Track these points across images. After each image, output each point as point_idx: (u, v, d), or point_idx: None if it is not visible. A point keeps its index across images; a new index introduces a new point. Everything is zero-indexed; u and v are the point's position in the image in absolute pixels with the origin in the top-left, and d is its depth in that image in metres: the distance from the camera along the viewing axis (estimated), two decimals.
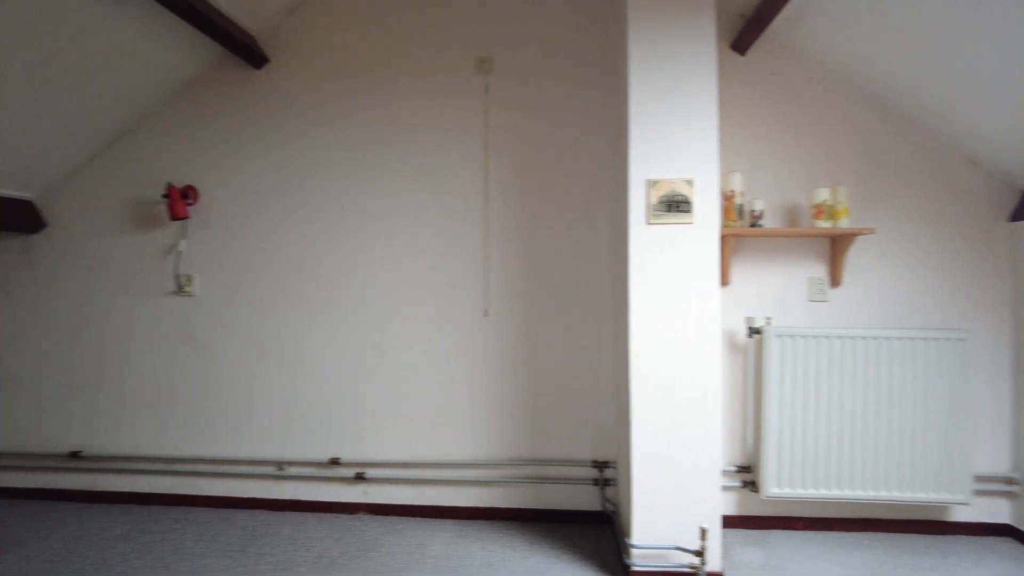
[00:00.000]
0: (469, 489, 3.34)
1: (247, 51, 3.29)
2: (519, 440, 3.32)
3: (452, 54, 3.35)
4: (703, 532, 2.52)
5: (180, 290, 3.55)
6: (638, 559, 2.62)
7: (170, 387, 3.57)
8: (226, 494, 3.51)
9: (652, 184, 2.62)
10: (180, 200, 3.43)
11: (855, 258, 3.10)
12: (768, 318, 3.11)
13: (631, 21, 2.61)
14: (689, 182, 2.61)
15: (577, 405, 3.28)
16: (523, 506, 3.30)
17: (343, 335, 3.44)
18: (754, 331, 3.05)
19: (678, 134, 2.61)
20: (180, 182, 3.51)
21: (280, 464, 3.47)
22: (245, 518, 3.34)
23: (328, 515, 3.38)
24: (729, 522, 3.09)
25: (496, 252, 3.33)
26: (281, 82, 3.47)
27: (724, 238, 2.97)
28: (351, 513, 3.40)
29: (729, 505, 3.13)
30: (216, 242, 3.53)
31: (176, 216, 3.42)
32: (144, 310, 3.58)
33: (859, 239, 3.07)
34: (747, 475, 3.13)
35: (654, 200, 2.62)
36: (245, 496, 3.49)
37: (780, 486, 2.95)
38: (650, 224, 2.63)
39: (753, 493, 3.08)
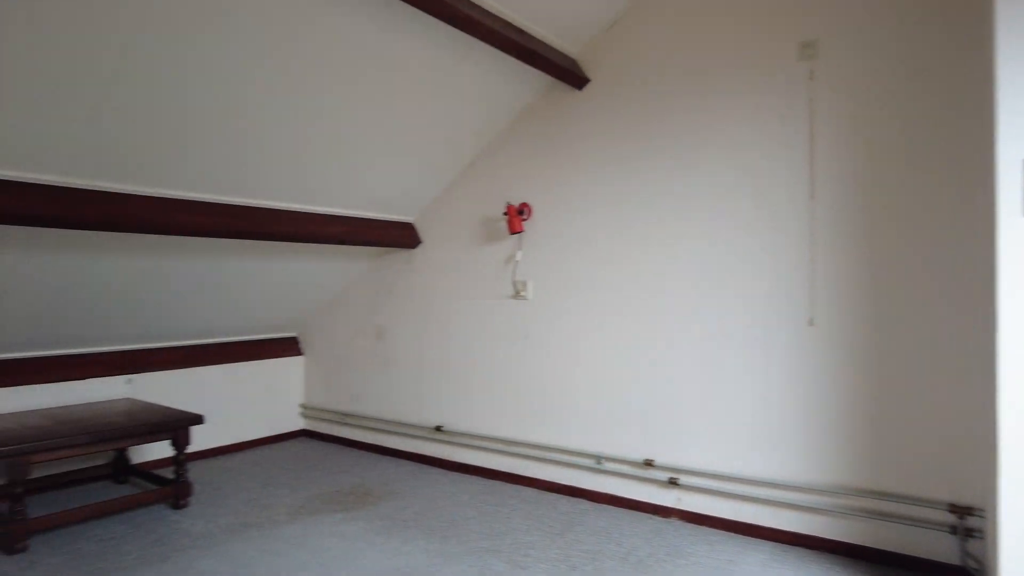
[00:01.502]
0: (788, 512, 3.07)
1: (569, 75, 3.58)
2: (849, 467, 2.93)
3: (770, 43, 3.14)
4: None
5: (517, 294, 4.03)
6: None
7: (509, 378, 4.07)
8: (552, 479, 3.85)
9: None
10: (517, 216, 3.90)
11: None
12: None
13: None
14: None
15: (928, 435, 2.76)
16: (852, 541, 2.91)
17: (657, 340, 3.49)
18: None
19: None
20: (516, 200, 3.98)
21: (599, 458, 3.67)
22: (566, 505, 3.62)
23: (641, 514, 3.46)
24: None
25: (823, 254, 3.01)
26: (601, 99, 3.69)
27: None
28: (663, 516, 3.42)
29: None
30: (546, 252, 3.90)
31: (513, 230, 3.90)
32: (489, 311, 4.16)
33: None
34: None
35: None
36: (567, 484, 3.79)
37: None
38: None
39: None
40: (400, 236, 4.44)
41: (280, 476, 4.14)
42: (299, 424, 5.24)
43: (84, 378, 3.94)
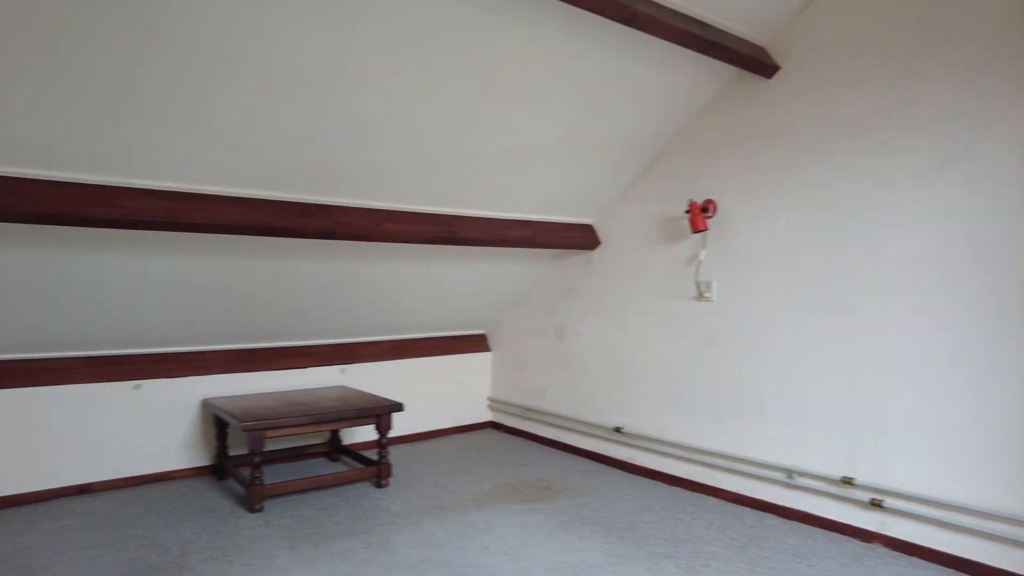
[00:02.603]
0: (1018, 551, 2.63)
1: (756, 64, 3.39)
2: None
3: (998, 5, 2.71)
4: None
5: (700, 296, 3.89)
6: None
7: (692, 382, 3.94)
8: (737, 491, 3.67)
9: None
10: (700, 214, 3.77)
11: None
12: None
13: None
14: None
15: None
16: None
17: (857, 346, 3.17)
18: None
19: None
20: (700, 197, 3.84)
21: (789, 472, 3.43)
22: (752, 518, 3.43)
23: (837, 536, 3.18)
24: None
25: None
26: (793, 87, 3.43)
27: None
28: (864, 540, 3.11)
29: None
30: (732, 252, 3.72)
31: (697, 229, 3.77)
32: (670, 312, 4.07)
33: None
34: None
35: None
36: (754, 497, 3.59)
37: None
38: None
39: None
40: (580, 238, 4.51)
41: (468, 464, 4.41)
42: (487, 416, 5.54)
43: (305, 367, 4.53)
